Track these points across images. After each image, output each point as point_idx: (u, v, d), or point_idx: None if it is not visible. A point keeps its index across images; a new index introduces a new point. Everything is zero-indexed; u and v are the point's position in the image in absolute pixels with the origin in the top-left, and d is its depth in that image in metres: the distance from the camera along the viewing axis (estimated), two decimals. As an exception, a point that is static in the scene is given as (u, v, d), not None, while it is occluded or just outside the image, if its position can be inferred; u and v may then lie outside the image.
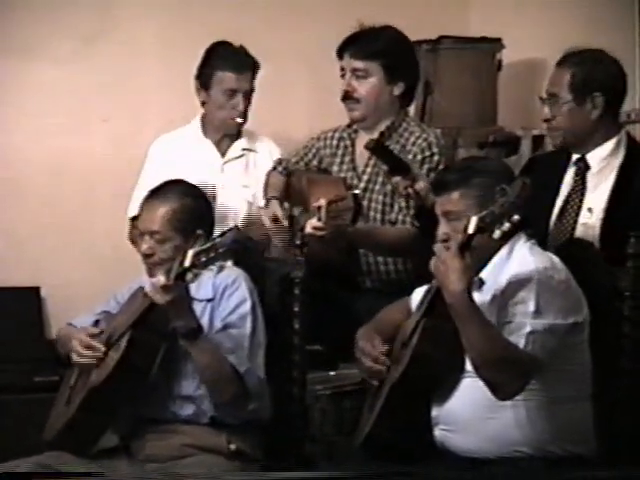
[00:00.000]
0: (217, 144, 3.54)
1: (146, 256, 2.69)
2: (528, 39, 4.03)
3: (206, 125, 3.54)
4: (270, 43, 3.93)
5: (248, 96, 3.46)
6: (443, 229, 2.46)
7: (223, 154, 3.54)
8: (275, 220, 3.16)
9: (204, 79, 3.47)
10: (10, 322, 3.81)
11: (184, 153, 3.53)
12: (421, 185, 2.83)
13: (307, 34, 4.08)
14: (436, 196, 2.51)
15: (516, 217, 2.26)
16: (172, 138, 3.58)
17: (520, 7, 4.10)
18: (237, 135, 3.55)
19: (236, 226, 2.51)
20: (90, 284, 3.80)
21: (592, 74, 2.79)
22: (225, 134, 3.53)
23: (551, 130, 2.87)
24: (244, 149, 3.54)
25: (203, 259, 2.42)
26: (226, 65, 3.44)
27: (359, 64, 3.12)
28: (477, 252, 2.34)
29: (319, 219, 2.89)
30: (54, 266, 3.94)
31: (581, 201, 2.84)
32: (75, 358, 2.65)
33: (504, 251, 2.45)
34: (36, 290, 3.91)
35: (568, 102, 2.80)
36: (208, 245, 2.43)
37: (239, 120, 3.47)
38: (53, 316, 3.91)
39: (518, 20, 4.09)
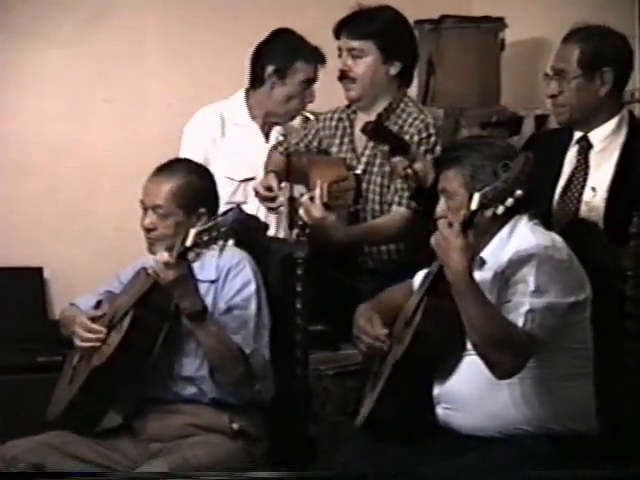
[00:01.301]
0: (261, 127, 3.53)
1: (147, 230, 2.70)
2: (531, 18, 4.01)
3: (254, 107, 3.51)
4: (271, 23, 3.92)
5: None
6: (441, 206, 2.46)
7: (266, 139, 3.52)
8: (269, 189, 3.15)
9: (281, 67, 3.42)
10: (13, 302, 3.83)
11: (233, 130, 3.50)
12: (420, 165, 2.83)
13: (308, 15, 4.07)
14: (436, 174, 2.52)
15: (519, 192, 2.26)
16: (218, 111, 3.51)
17: (522, -14, 4.09)
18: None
19: (238, 206, 2.51)
20: (92, 265, 3.82)
21: (601, 49, 2.77)
22: (270, 121, 3.51)
23: (557, 106, 2.84)
24: (282, 135, 3.53)
25: (205, 238, 2.42)
26: (308, 56, 3.41)
27: (354, 44, 3.12)
28: (479, 230, 2.33)
29: (320, 199, 2.90)
30: (57, 247, 3.95)
31: (584, 180, 2.83)
32: (77, 342, 2.65)
33: (505, 230, 2.45)
34: (39, 270, 3.92)
35: (577, 77, 2.77)
36: (210, 224, 2.43)
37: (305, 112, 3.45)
38: (56, 296, 3.93)
39: (521, -1, 4.07)
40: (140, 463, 2.57)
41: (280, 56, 3.44)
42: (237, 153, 3.50)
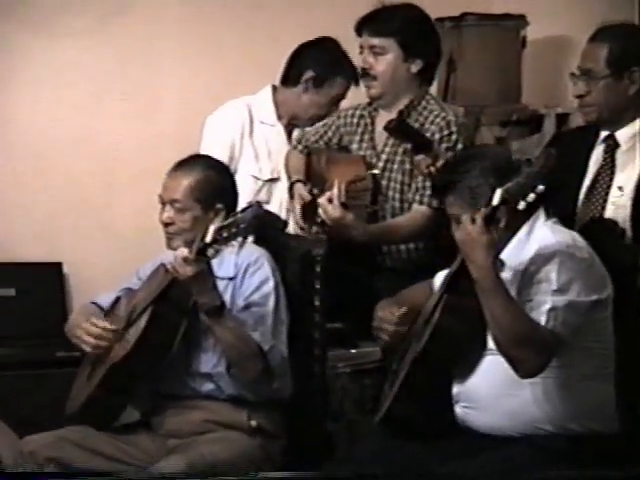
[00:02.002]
0: (285, 127, 3.52)
1: (165, 225, 2.70)
2: (552, 16, 3.99)
3: (280, 107, 3.50)
4: (289, 22, 3.92)
5: None
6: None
7: (289, 140, 3.51)
8: (305, 207, 3.15)
9: (320, 76, 3.40)
10: (33, 297, 3.84)
11: (260, 128, 3.49)
12: (443, 163, 2.81)
13: (322, 13, 4.06)
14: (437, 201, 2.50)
15: (541, 187, 2.24)
16: (246, 107, 3.49)
17: (544, -17, 4.06)
18: None
19: (257, 202, 2.51)
20: (111, 261, 3.83)
21: (630, 48, 2.75)
22: (293, 122, 3.51)
23: (585, 106, 2.81)
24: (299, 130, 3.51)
25: (225, 234, 2.42)
26: (348, 74, 3.39)
27: (375, 41, 3.11)
28: (500, 229, 2.32)
29: (338, 199, 2.90)
30: (75, 243, 3.96)
31: (611, 180, 2.80)
32: (85, 348, 2.66)
33: (524, 231, 2.43)
34: (58, 266, 3.93)
35: (605, 77, 2.75)
36: (230, 221, 2.44)
37: None
38: (75, 292, 3.94)
39: (542, -4, 4.05)
40: (158, 458, 2.57)
41: (323, 65, 3.42)
42: (263, 152, 3.49)
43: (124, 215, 3.97)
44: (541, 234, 2.42)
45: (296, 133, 3.52)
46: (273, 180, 3.48)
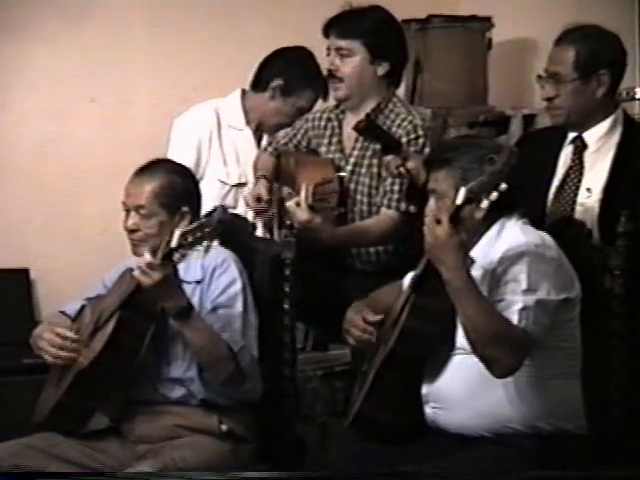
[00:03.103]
0: (254, 132, 3.52)
1: (131, 232, 2.69)
2: (518, 18, 4.02)
3: (248, 111, 3.50)
4: (259, 25, 3.91)
5: None
6: (430, 207, 2.45)
7: (258, 144, 3.51)
8: (258, 200, 3.15)
9: (288, 86, 3.41)
10: (-1, 304, 3.81)
11: (228, 133, 3.48)
12: (412, 163, 2.82)
13: (296, 14, 4.06)
14: (426, 173, 2.51)
15: (503, 186, 2.25)
16: (214, 111, 3.49)
17: (510, -15, 4.09)
18: None
19: (222, 206, 2.50)
20: (79, 267, 3.80)
21: (598, 51, 2.75)
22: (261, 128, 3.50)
23: (553, 109, 2.82)
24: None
25: (190, 239, 2.41)
26: (317, 87, 3.39)
27: (342, 43, 3.11)
28: (469, 228, 2.32)
29: (305, 201, 2.90)
30: (42, 249, 3.93)
31: (579, 181, 2.81)
32: (47, 359, 2.64)
33: (494, 229, 2.44)
34: (25, 272, 3.90)
35: (573, 80, 2.75)
36: (195, 225, 2.43)
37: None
38: (42, 298, 3.91)
39: (508, -1, 4.08)
40: (128, 465, 2.55)
41: (293, 75, 3.42)
42: (231, 156, 3.49)
43: (92, 220, 3.94)
44: (511, 234, 2.42)
45: (265, 139, 3.51)
46: (240, 185, 3.47)
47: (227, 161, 3.48)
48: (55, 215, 3.97)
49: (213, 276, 2.67)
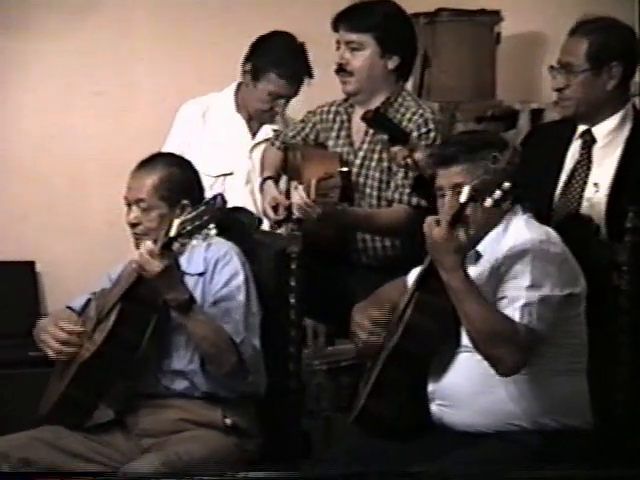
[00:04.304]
0: (248, 122, 3.51)
1: (133, 226, 2.69)
2: (527, 12, 4.00)
3: (240, 102, 3.51)
4: (263, 17, 3.89)
5: (290, 100, 3.43)
6: (440, 203, 2.44)
7: (253, 134, 3.50)
8: (276, 208, 3.13)
9: (255, 70, 3.41)
10: (5, 296, 3.81)
11: (215, 124, 3.49)
12: (420, 155, 2.81)
13: (305, 8, 4.05)
14: (437, 169, 2.49)
15: (507, 184, 2.25)
16: (205, 104, 3.51)
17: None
18: None
19: (220, 194, 2.49)
20: (84, 259, 3.81)
21: (610, 43, 2.74)
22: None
23: (563, 100, 2.80)
24: (274, 130, 3.49)
25: (188, 227, 2.41)
26: (283, 70, 3.38)
27: (352, 36, 3.09)
28: (475, 226, 2.32)
29: (308, 196, 2.89)
30: (47, 241, 3.94)
31: (587, 176, 2.79)
32: (49, 353, 2.64)
33: (502, 225, 2.43)
34: (31, 264, 3.90)
35: (584, 71, 2.74)
36: (193, 214, 2.43)
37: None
38: (48, 290, 3.91)
39: (517, -8, 4.05)
40: (132, 458, 2.55)
41: (261, 59, 3.42)
42: (216, 148, 3.47)
43: (97, 213, 3.95)
44: (516, 229, 2.42)
45: (265, 128, 3.50)
46: (225, 175, 3.46)
47: (211, 153, 3.46)
48: (59, 209, 3.98)
49: (216, 268, 2.66)
